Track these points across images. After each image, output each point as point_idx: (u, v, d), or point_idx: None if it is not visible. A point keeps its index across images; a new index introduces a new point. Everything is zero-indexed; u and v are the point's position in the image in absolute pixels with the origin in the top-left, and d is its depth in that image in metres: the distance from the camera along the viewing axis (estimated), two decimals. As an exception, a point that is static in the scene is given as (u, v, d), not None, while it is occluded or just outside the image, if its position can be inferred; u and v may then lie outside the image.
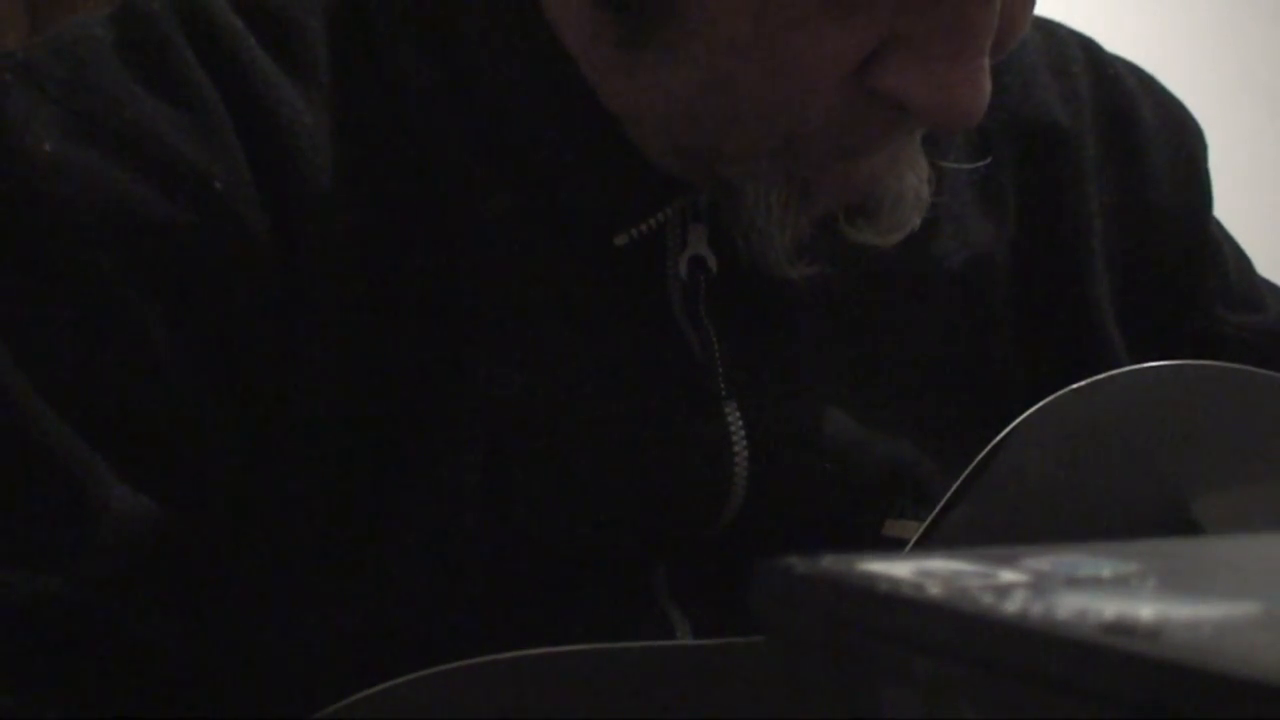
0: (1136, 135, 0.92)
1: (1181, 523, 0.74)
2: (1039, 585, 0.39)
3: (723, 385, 0.79)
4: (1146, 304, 0.90)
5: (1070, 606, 0.37)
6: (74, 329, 0.73)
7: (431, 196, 0.77)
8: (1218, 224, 0.96)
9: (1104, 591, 0.39)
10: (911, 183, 0.79)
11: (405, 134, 0.77)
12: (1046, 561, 0.41)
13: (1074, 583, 0.40)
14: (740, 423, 0.79)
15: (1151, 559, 0.42)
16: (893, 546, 0.79)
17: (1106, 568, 0.41)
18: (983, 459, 0.72)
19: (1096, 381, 0.74)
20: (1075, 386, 0.74)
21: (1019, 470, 0.72)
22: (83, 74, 0.76)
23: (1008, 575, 0.40)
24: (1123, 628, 0.35)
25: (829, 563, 0.41)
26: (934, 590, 0.39)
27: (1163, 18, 2.76)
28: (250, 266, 0.74)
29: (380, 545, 0.75)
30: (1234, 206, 0.96)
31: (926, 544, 0.71)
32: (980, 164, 0.87)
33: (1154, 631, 0.35)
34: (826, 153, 0.75)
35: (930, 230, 0.85)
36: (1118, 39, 0.96)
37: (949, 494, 0.72)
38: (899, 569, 0.40)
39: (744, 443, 0.78)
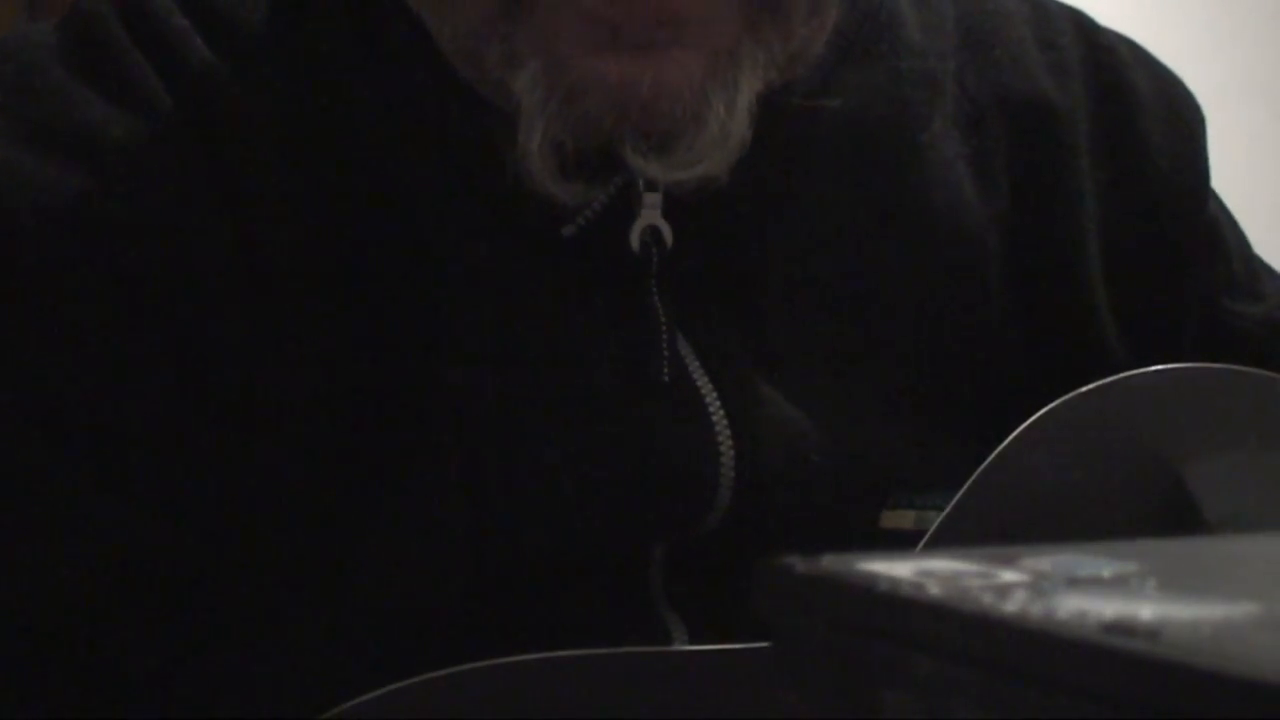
0: (1131, 108, 0.88)
1: (1191, 526, 0.73)
2: (1039, 585, 0.39)
3: (699, 374, 0.77)
4: (1144, 286, 0.87)
5: (1070, 606, 0.37)
6: (36, 337, 0.72)
7: (384, 197, 0.76)
8: (1217, 200, 0.93)
9: (1104, 591, 0.39)
10: (718, 113, 0.71)
11: (355, 135, 0.77)
12: (1046, 561, 0.41)
13: (1074, 583, 0.40)
14: (722, 413, 0.77)
15: (1151, 559, 0.42)
16: (891, 539, 0.79)
17: (1106, 568, 0.41)
18: (990, 461, 0.71)
19: (1105, 384, 0.73)
20: (1084, 389, 0.73)
21: (1027, 473, 0.72)
22: (30, 79, 0.75)
23: (1008, 575, 0.40)
24: (1123, 628, 0.35)
25: (829, 562, 0.41)
26: (934, 590, 0.39)
27: (1163, 17, 2.77)
28: (208, 269, 0.73)
29: (363, 552, 0.74)
30: (1234, 206, 0.95)
31: (933, 547, 0.71)
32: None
33: (1154, 631, 0.35)
34: (568, 21, 0.70)
35: (919, 201, 0.82)
36: (1117, 39, 0.95)
37: (956, 497, 0.71)
38: (899, 569, 0.40)
39: (728, 435, 0.77)
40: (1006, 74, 0.86)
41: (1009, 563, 0.41)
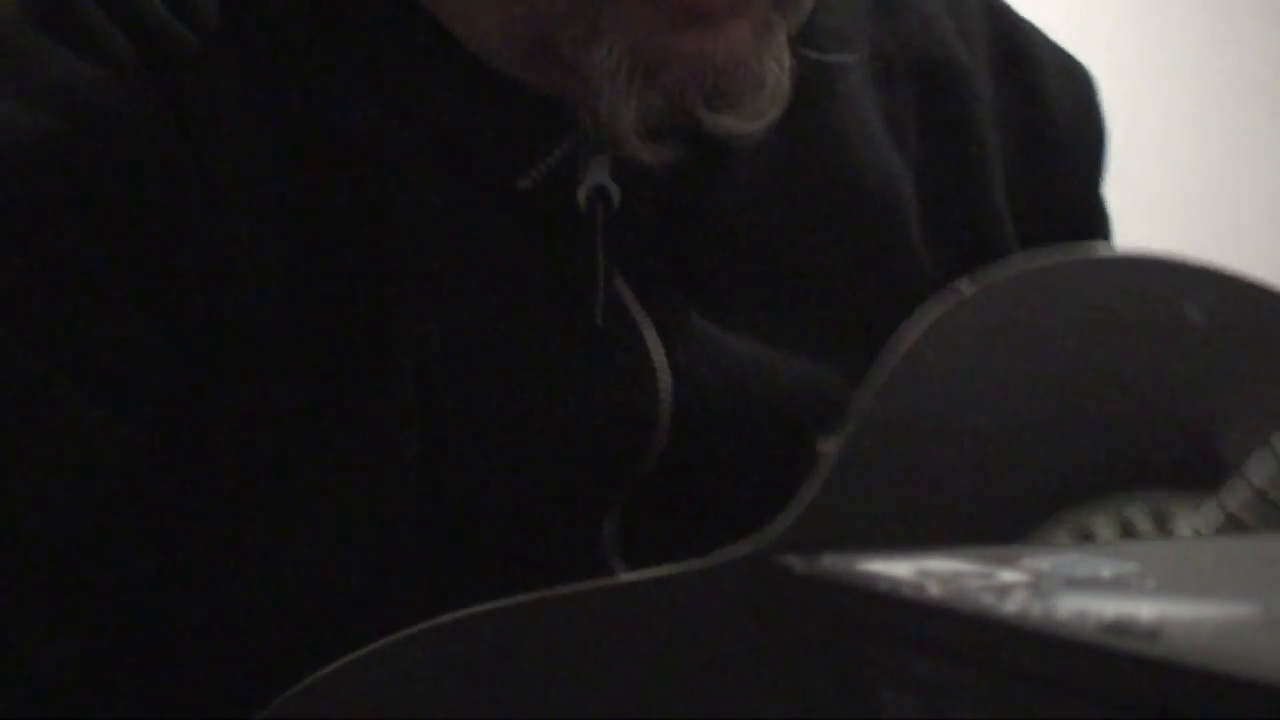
0: (1033, 73, 0.92)
1: (1098, 416, 0.74)
2: (1039, 585, 0.39)
3: (639, 314, 0.80)
4: (1045, 236, 0.90)
5: (1070, 606, 0.37)
6: (20, 268, 0.74)
7: (335, 153, 0.79)
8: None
9: (1104, 591, 0.39)
10: (773, 70, 0.79)
11: (303, 90, 0.79)
12: (1046, 561, 0.41)
13: (1074, 583, 0.40)
14: (661, 349, 0.80)
15: (1151, 559, 0.42)
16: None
17: (1106, 568, 0.41)
18: (892, 359, 0.74)
19: (1008, 277, 0.77)
20: (985, 284, 0.76)
21: (931, 369, 0.75)
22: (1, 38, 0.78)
23: (1008, 575, 0.40)
24: (1123, 628, 0.35)
25: (829, 562, 0.41)
26: (934, 590, 0.39)
27: (1163, 18, 2.77)
28: (176, 207, 0.76)
29: (318, 508, 0.76)
30: (1235, 206, 0.95)
31: (848, 453, 0.73)
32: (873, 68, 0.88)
33: (1154, 631, 0.35)
34: (655, 8, 0.75)
35: (842, 146, 0.85)
36: (1117, 39, 0.95)
37: (863, 399, 0.74)
38: (899, 569, 0.41)
39: (666, 370, 0.79)
40: (917, 37, 0.90)
41: (1009, 563, 0.41)
